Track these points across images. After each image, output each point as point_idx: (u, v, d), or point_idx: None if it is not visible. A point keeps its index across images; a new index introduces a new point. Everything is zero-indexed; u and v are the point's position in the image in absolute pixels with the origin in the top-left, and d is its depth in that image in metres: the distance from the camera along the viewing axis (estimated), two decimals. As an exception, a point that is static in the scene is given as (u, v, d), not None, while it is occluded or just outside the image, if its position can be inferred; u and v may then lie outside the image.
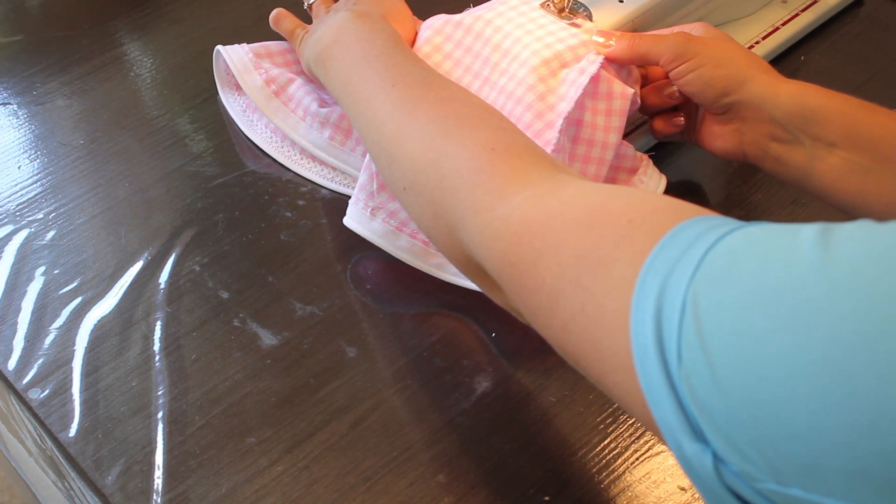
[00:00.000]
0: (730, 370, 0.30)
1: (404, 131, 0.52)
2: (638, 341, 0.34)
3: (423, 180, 0.50)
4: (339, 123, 0.68)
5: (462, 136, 0.49)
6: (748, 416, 0.30)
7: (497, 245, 0.44)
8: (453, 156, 0.48)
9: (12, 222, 0.69)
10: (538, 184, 0.44)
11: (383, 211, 0.63)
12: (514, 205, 0.44)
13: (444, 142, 0.49)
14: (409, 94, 0.54)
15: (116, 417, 0.57)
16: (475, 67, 0.64)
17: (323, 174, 0.71)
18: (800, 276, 0.30)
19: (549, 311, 0.40)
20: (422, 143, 0.51)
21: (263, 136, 0.73)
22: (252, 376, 0.59)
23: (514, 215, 0.43)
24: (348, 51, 0.60)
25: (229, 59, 0.72)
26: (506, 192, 0.45)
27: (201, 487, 0.54)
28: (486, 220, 0.45)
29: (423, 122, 0.52)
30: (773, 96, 0.59)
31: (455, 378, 0.59)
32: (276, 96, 0.71)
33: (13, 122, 0.77)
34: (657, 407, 0.33)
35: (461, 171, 0.47)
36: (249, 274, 0.65)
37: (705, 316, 0.31)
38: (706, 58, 0.60)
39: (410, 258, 0.63)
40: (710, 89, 0.60)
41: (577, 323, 0.38)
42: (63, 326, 0.62)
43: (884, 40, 0.82)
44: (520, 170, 0.46)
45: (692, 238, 0.34)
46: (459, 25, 0.66)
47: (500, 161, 0.47)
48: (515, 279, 0.43)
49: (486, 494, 0.53)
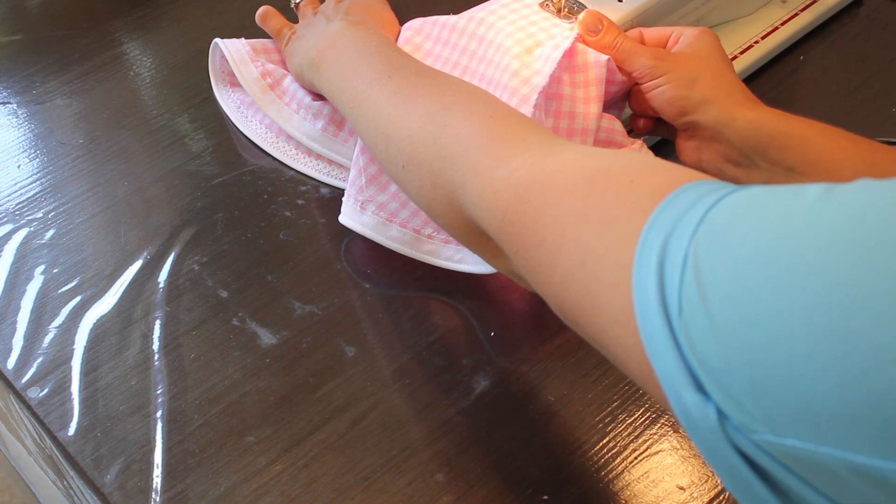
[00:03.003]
0: (726, 316, 0.30)
1: (402, 111, 0.53)
2: (640, 294, 0.34)
3: (421, 153, 0.51)
4: (332, 115, 0.69)
5: (461, 108, 0.50)
6: (744, 362, 0.30)
7: (497, 205, 0.44)
8: (453, 125, 0.49)
9: (12, 221, 0.69)
10: (537, 146, 0.45)
11: (373, 203, 0.63)
12: (514, 166, 0.44)
13: (443, 115, 0.51)
14: (405, 82, 0.55)
15: (115, 416, 0.57)
16: (454, 58, 0.66)
17: (318, 168, 0.71)
18: (800, 225, 0.30)
19: (549, 268, 0.40)
20: (420, 119, 0.52)
21: (258, 131, 0.74)
22: (251, 375, 0.59)
23: (515, 176, 0.44)
24: (343, 52, 0.62)
25: (227, 50, 0.73)
26: (506, 154, 0.45)
27: (200, 486, 0.54)
28: (486, 182, 0.45)
29: (421, 102, 0.53)
30: (729, 121, 0.60)
31: (454, 377, 0.59)
32: (271, 89, 0.72)
33: (13, 122, 0.77)
34: (658, 359, 0.33)
35: (461, 138, 0.48)
36: (248, 273, 0.65)
37: (705, 266, 0.32)
38: (672, 76, 0.61)
39: (402, 247, 0.63)
40: (669, 107, 0.62)
41: (576, 279, 0.39)
42: (62, 325, 0.62)
43: (883, 40, 0.82)
44: (519, 133, 0.47)
45: (695, 198, 0.34)
46: (437, 23, 0.68)
47: (499, 126, 0.48)
48: (516, 238, 0.43)
49: (485, 493, 0.53)
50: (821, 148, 0.58)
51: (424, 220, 0.63)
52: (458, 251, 0.62)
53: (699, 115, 0.61)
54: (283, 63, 0.74)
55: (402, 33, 0.69)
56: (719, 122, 0.60)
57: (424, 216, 0.63)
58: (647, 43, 0.66)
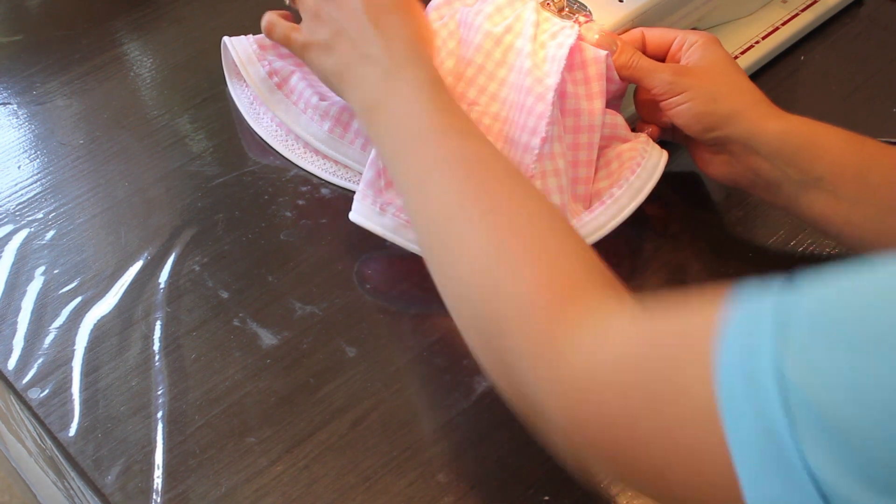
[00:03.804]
0: (860, 416, 0.31)
1: (454, 233, 0.49)
2: (736, 435, 0.34)
3: (471, 299, 0.48)
4: (338, 116, 0.69)
5: (516, 266, 0.47)
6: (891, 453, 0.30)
7: (560, 404, 0.42)
8: (505, 288, 0.46)
9: (12, 222, 0.69)
10: (591, 331, 0.43)
11: (393, 206, 0.63)
12: (571, 360, 0.42)
13: (496, 268, 0.47)
14: (460, 187, 0.51)
15: (116, 417, 0.57)
16: (468, 56, 0.65)
17: (325, 168, 0.71)
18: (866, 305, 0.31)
19: (635, 465, 0.40)
20: (473, 259, 0.48)
21: (269, 129, 0.74)
22: (252, 376, 0.59)
23: (575, 375, 0.42)
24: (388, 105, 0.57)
25: (234, 50, 0.73)
26: (561, 343, 0.43)
27: (201, 487, 0.54)
28: (544, 376, 0.43)
29: (476, 233, 0.48)
30: (759, 134, 0.60)
31: (455, 378, 0.59)
32: (278, 88, 0.72)
33: (13, 122, 0.77)
34: (766, 488, 0.33)
35: (510, 314, 0.45)
36: (249, 273, 0.65)
37: (806, 381, 0.32)
38: (696, 93, 0.61)
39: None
40: (697, 124, 0.61)
41: (673, 467, 0.38)
42: (63, 326, 0.62)
43: (884, 40, 0.82)
44: (572, 315, 0.44)
45: (748, 330, 0.35)
46: (453, 17, 0.67)
47: (553, 304, 0.45)
48: (588, 439, 0.42)
49: (485, 494, 0.53)
50: (849, 156, 0.58)
51: None
52: None
53: (728, 129, 0.60)
54: (291, 57, 0.74)
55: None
56: (749, 135, 0.60)
57: None
58: (649, 45, 0.65)
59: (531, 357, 0.44)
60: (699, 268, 0.50)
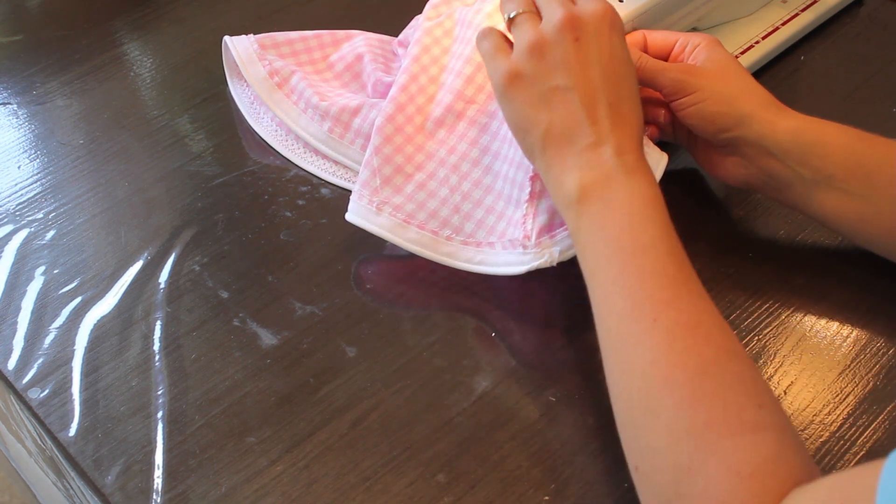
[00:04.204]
0: None
1: (653, 397, 0.47)
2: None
3: (659, 473, 0.46)
4: (338, 116, 0.69)
5: (708, 447, 0.44)
6: None
7: None
8: (696, 473, 0.44)
9: (12, 222, 0.69)
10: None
11: (389, 205, 0.63)
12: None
13: (689, 447, 0.44)
14: (668, 343, 0.47)
15: (116, 417, 0.57)
16: (477, 58, 0.65)
17: (325, 168, 0.71)
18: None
19: None
20: (667, 433, 0.45)
21: (269, 129, 0.74)
22: (252, 376, 0.59)
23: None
24: (607, 216, 0.52)
25: (234, 50, 0.73)
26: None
27: (201, 487, 0.54)
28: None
29: (672, 403, 0.46)
30: (771, 134, 0.59)
31: (454, 378, 0.59)
32: (278, 88, 0.72)
33: (13, 122, 0.77)
34: None
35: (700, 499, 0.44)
36: (249, 273, 0.65)
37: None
38: (708, 93, 0.60)
39: (420, 249, 0.63)
40: (709, 125, 0.61)
41: None
42: (63, 326, 0.62)
43: (884, 40, 0.82)
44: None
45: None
46: (456, 20, 0.67)
47: (741, 493, 0.43)
48: None
49: (485, 494, 0.53)
50: (860, 154, 0.58)
51: (442, 221, 0.63)
52: (479, 252, 0.62)
53: (742, 130, 0.60)
54: (295, 55, 0.74)
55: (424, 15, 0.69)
56: (762, 136, 0.60)
57: (442, 218, 0.63)
58: (651, 47, 0.65)
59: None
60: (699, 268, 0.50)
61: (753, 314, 0.62)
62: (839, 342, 0.60)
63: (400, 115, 0.65)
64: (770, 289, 0.63)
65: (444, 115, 0.65)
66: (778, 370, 0.59)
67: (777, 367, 0.59)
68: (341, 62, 0.74)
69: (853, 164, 0.58)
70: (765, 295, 0.63)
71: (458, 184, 0.63)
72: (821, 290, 0.63)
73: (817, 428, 0.56)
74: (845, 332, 0.61)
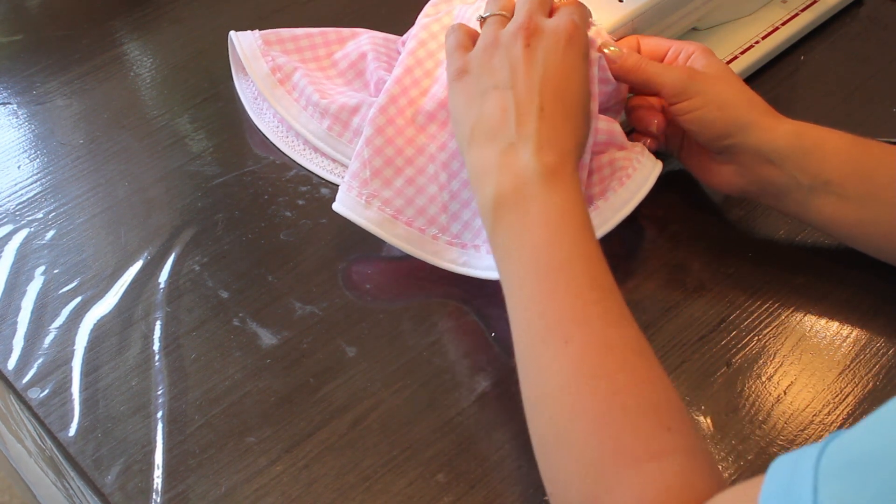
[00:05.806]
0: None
1: (562, 426, 0.46)
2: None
3: (570, 502, 0.46)
4: (337, 114, 0.69)
5: (614, 478, 0.44)
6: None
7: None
8: (603, 503, 0.44)
9: (12, 222, 0.69)
10: None
11: (378, 199, 0.62)
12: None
13: (596, 476, 0.44)
14: (578, 368, 0.46)
15: (116, 417, 0.57)
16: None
17: (324, 166, 0.71)
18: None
19: None
20: (575, 462, 0.45)
21: (271, 125, 0.74)
22: (252, 376, 0.59)
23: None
24: (523, 227, 0.51)
25: (239, 45, 0.73)
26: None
27: (201, 487, 0.54)
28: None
29: (581, 432, 0.45)
30: (770, 140, 0.59)
31: (454, 377, 0.59)
32: (280, 84, 0.72)
33: (13, 122, 0.77)
34: None
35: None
36: (249, 273, 0.65)
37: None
38: (709, 98, 0.60)
39: (407, 246, 0.63)
40: (709, 130, 0.61)
41: None
42: (63, 326, 0.62)
43: (884, 40, 0.82)
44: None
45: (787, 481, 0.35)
46: (454, 17, 0.67)
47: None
48: None
49: (485, 494, 0.53)
50: (857, 158, 0.58)
51: (429, 219, 0.63)
52: (463, 254, 0.62)
53: (741, 137, 0.60)
54: (300, 51, 0.74)
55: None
56: (762, 142, 0.59)
57: (429, 215, 0.63)
58: (644, 53, 0.65)
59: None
60: (699, 268, 0.50)
61: (753, 314, 0.62)
62: (839, 342, 0.60)
63: (392, 106, 0.64)
64: (770, 289, 0.63)
65: (436, 109, 0.64)
66: (778, 370, 0.59)
67: (777, 367, 0.59)
68: (345, 60, 0.74)
69: (850, 169, 0.58)
70: (765, 295, 0.63)
71: (447, 182, 0.63)
72: (821, 290, 0.63)
73: (817, 428, 0.56)
74: (845, 332, 0.61)
